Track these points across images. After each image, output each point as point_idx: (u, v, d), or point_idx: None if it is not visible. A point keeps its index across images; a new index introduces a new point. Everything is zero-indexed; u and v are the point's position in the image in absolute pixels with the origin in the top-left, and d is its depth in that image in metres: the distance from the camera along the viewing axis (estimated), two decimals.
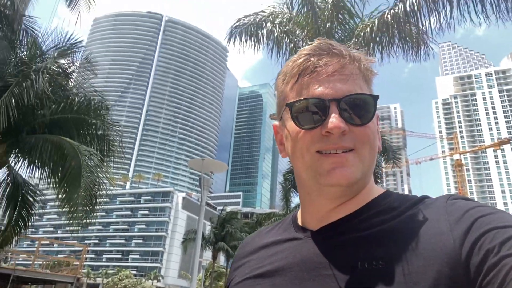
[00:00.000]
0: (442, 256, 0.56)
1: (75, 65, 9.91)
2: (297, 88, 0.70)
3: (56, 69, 9.26)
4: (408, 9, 8.08)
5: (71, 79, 10.10)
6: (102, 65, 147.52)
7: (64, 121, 8.84)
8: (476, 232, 0.56)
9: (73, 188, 7.89)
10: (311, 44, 0.73)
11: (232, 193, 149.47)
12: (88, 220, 8.32)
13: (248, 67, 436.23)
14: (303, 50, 0.72)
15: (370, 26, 8.44)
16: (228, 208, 39.72)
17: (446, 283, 0.54)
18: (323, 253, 0.67)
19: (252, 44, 9.96)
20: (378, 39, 8.67)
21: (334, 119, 0.64)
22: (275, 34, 9.72)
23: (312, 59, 0.69)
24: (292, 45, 9.72)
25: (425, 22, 8.07)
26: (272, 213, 29.63)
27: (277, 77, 0.77)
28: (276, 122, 0.81)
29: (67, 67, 9.81)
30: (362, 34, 8.51)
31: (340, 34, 9.41)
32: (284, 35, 9.72)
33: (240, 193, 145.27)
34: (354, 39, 8.49)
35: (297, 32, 9.73)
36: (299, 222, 0.78)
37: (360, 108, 0.67)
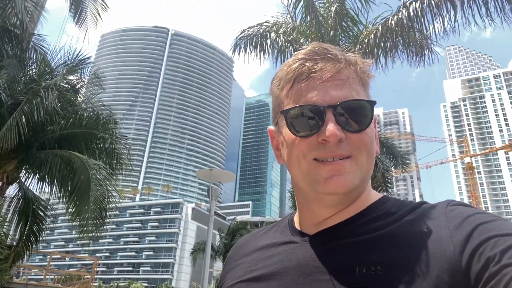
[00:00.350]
0: (442, 262, 0.55)
1: (83, 81, 10.07)
2: (292, 94, 0.69)
3: (65, 85, 9.41)
4: (411, 14, 8.09)
5: (79, 95, 10.25)
6: (110, 79, 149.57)
7: (73, 136, 8.96)
8: (477, 239, 0.55)
9: (82, 202, 7.95)
10: (306, 47, 0.71)
11: (241, 203, 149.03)
12: (98, 233, 8.35)
13: (254, 77, 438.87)
14: (297, 55, 0.71)
15: (374, 32, 8.46)
16: (238, 218, 39.66)
17: None
18: (320, 257, 0.66)
19: (257, 55, 10.03)
20: (382, 45, 8.68)
21: (330, 127, 0.63)
22: (279, 44, 9.78)
23: (307, 64, 0.68)
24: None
25: (429, 27, 8.07)
26: None
27: (272, 81, 0.76)
28: (271, 127, 0.79)
29: (75, 83, 9.97)
30: (366, 40, 8.53)
31: (344, 41, 9.44)
32: (288, 44, 9.78)
33: (249, 202, 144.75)
34: (358, 46, 8.51)
35: (301, 41, 9.77)
36: (296, 226, 0.76)
37: (356, 114, 0.66)
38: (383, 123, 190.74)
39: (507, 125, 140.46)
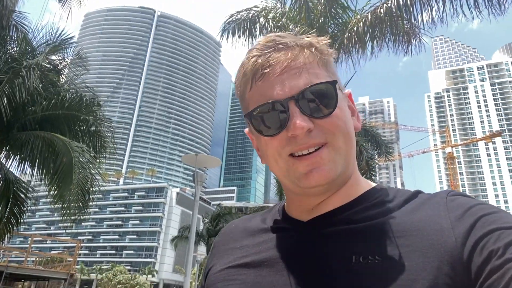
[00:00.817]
0: (442, 253, 0.54)
1: (66, 61, 9.81)
2: (253, 95, 0.67)
3: (47, 65, 9.16)
4: (401, 3, 8.10)
5: (62, 75, 10.00)
6: (94, 61, 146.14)
7: (55, 117, 8.76)
8: (480, 231, 0.54)
9: (65, 185, 7.84)
10: (259, 42, 0.69)
11: (227, 188, 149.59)
12: (81, 216, 8.28)
13: None
14: (251, 52, 0.68)
15: (363, 20, 8.45)
16: (223, 203, 39.79)
17: (446, 282, 0.52)
18: (314, 244, 0.64)
19: (245, 40, 9.93)
20: (370, 33, 8.68)
21: (295, 120, 0.61)
22: (269, 29, 9.69)
23: (259, 60, 0.66)
24: None
25: (418, 16, 8.10)
26: (266, 207, 29.64)
27: (235, 83, 0.74)
28: (247, 129, 0.77)
29: (58, 63, 9.71)
30: (355, 28, 8.52)
31: (333, 28, 9.41)
32: (278, 30, 9.70)
33: (235, 188, 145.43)
34: (347, 34, 8.49)
35: (290, 27, 9.70)
36: (288, 213, 0.74)
37: (320, 98, 0.63)
38: (368, 112, 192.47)
39: (488, 116, 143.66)
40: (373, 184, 0.73)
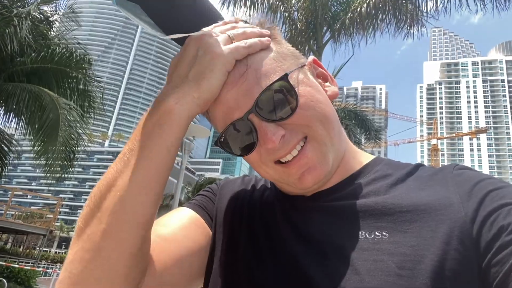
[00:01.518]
0: (452, 228, 0.53)
1: (58, 14, 9.46)
2: (214, 119, 0.64)
3: (38, 15, 8.80)
4: None
5: (53, 28, 9.65)
6: (87, 16, 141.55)
7: (44, 71, 8.51)
8: (489, 206, 0.53)
9: (50, 141, 7.71)
10: None
11: (212, 160, 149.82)
12: (64, 175, 8.21)
13: None
14: None
15: (367, 1, 8.29)
16: (207, 174, 40.01)
17: (455, 257, 0.51)
18: (321, 220, 0.62)
19: (246, 11, 9.67)
20: (373, 14, 8.54)
21: (264, 134, 0.58)
22: (270, 1, 9.45)
23: None
24: (287, 14, 9.49)
25: (422, 3, 7.99)
26: None
27: None
28: None
29: (49, 14, 9.35)
30: (358, 9, 8.36)
31: (336, 7, 9.22)
32: (280, 3, 9.46)
33: (220, 160, 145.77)
34: (350, 14, 8.34)
35: (292, 1, 9.47)
36: (285, 190, 0.71)
37: (278, 99, 0.59)
38: (360, 97, 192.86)
39: (476, 112, 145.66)
40: (372, 157, 0.71)
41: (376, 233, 0.56)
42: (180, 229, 0.68)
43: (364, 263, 0.54)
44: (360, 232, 0.57)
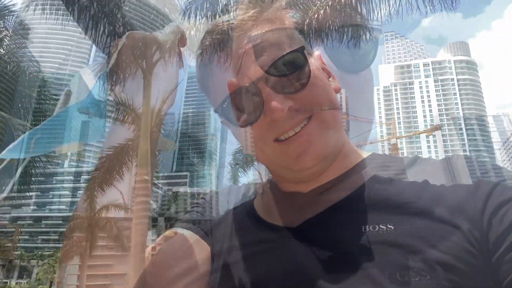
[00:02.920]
0: (461, 220, 0.51)
1: (8, 30, 9.04)
2: (217, 85, 0.62)
3: None
4: None
5: (3, 46, 9.20)
6: (38, 33, 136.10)
7: None
8: (499, 197, 0.51)
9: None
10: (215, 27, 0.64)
11: (180, 173, 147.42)
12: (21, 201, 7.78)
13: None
14: (205, 41, 0.64)
15: (324, 8, 8.50)
16: (174, 188, 39.27)
17: (465, 248, 0.49)
18: (322, 214, 0.59)
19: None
20: (328, 22, 8.75)
21: (271, 103, 0.55)
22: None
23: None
24: None
25: (375, 9, 8.28)
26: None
27: (196, 77, 0.71)
28: None
29: None
30: (315, 16, 8.56)
31: (293, 14, 9.37)
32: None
33: (187, 173, 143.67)
34: (307, 20, 8.51)
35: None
36: (282, 189, 0.68)
37: (292, 70, 0.57)
38: None
39: (430, 111, 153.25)
40: (369, 152, 0.69)
41: (381, 226, 0.53)
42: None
43: (370, 257, 0.52)
44: (363, 226, 0.54)
